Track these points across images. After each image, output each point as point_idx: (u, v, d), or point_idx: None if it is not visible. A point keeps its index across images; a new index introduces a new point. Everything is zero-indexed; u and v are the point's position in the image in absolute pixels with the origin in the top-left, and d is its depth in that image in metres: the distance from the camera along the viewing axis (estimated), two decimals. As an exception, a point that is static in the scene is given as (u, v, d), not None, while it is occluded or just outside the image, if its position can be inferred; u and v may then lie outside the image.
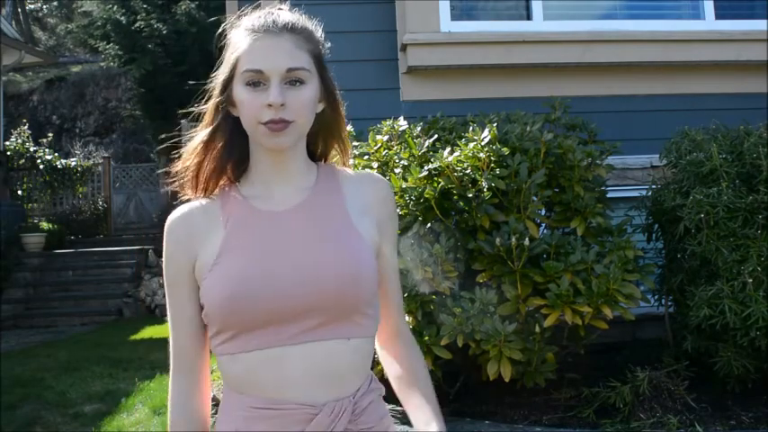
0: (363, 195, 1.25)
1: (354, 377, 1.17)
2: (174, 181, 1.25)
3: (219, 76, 1.21)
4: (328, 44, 1.26)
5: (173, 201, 1.27)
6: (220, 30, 1.25)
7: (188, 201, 1.25)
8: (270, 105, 1.12)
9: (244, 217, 1.19)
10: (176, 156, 1.26)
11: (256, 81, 1.14)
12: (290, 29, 1.17)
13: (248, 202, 1.21)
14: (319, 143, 1.29)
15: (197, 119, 1.27)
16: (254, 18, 1.19)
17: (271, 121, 1.13)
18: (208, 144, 1.22)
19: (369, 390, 1.19)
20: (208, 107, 1.23)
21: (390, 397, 1.32)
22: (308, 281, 1.12)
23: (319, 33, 1.23)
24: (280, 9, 1.21)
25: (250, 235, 1.17)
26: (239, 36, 1.18)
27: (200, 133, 1.23)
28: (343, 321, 1.14)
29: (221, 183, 1.24)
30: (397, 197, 3.05)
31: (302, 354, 1.12)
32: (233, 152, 1.23)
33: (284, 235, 1.17)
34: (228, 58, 1.19)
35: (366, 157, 3.33)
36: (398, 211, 3.05)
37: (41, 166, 12.81)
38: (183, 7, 13.39)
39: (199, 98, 1.26)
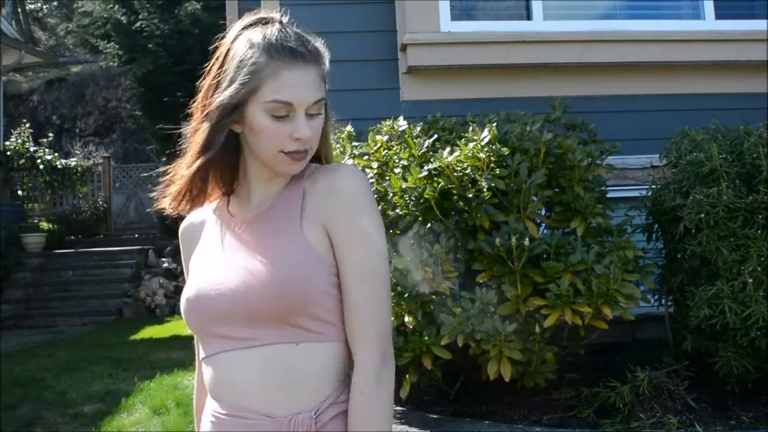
0: (314, 193, 1.18)
1: (315, 386, 1.12)
2: (163, 196, 1.26)
3: (229, 94, 1.13)
4: (330, 49, 1.25)
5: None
6: (223, 38, 1.21)
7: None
8: (298, 139, 1.12)
9: (219, 224, 1.23)
10: (176, 156, 1.27)
11: (283, 114, 1.12)
12: (315, 57, 1.14)
13: (228, 210, 1.24)
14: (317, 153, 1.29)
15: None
16: (270, 34, 1.13)
17: (296, 151, 1.14)
18: (206, 164, 1.19)
19: (336, 402, 1.13)
20: (206, 128, 1.17)
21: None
22: (237, 288, 1.13)
23: (327, 55, 1.19)
24: (281, 22, 1.16)
25: (217, 242, 1.21)
26: (257, 54, 1.12)
27: (199, 159, 1.18)
28: (285, 326, 1.11)
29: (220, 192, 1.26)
30: (396, 197, 3.05)
31: (254, 359, 1.12)
32: (225, 169, 1.23)
33: (241, 242, 1.18)
34: (244, 77, 1.11)
35: (366, 157, 3.33)
36: (398, 211, 3.05)
37: (41, 166, 12.82)
38: (189, 9, 13.39)
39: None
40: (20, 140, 12.85)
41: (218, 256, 1.19)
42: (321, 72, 1.16)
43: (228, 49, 1.17)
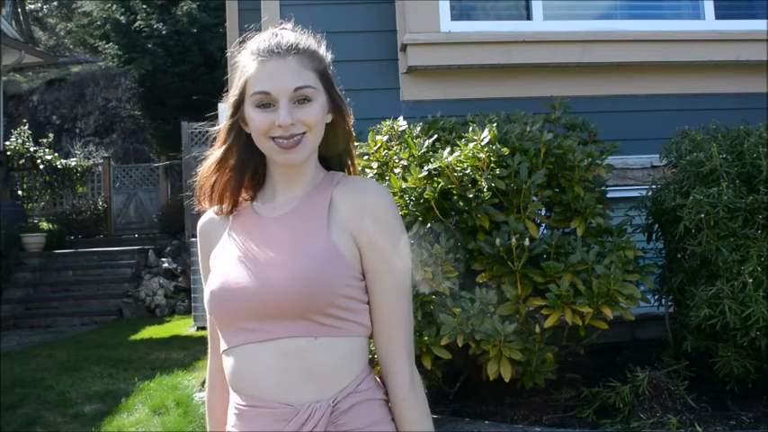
0: (345, 205, 1.24)
1: (333, 377, 1.18)
2: (192, 195, 1.35)
3: (230, 98, 1.27)
4: (330, 49, 1.29)
5: (191, 209, 1.34)
6: (228, 54, 1.29)
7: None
8: (280, 126, 1.19)
9: (244, 221, 1.29)
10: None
11: (266, 103, 1.20)
12: (295, 50, 1.22)
13: (253, 207, 1.30)
14: (332, 153, 1.34)
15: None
16: (259, 41, 1.25)
17: (281, 137, 1.20)
18: (221, 162, 1.30)
19: (355, 391, 1.19)
20: (222, 127, 1.30)
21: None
22: (263, 283, 1.18)
23: (323, 50, 1.28)
24: (284, 29, 1.26)
25: (242, 238, 1.26)
26: (246, 59, 1.24)
27: (216, 152, 1.30)
28: (305, 321, 1.17)
29: (242, 195, 1.32)
30: (396, 197, 3.05)
31: (274, 351, 1.17)
32: (247, 167, 1.30)
33: (267, 239, 1.24)
34: (237, 81, 1.25)
35: (366, 157, 3.33)
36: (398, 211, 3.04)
37: (41, 166, 12.78)
38: (184, 8, 13.37)
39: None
40: (20, 140, 12.83)
41: (242, 251, 1.24)
42: (307, 63, 1.23)
43: (236, 63, 1.29)
